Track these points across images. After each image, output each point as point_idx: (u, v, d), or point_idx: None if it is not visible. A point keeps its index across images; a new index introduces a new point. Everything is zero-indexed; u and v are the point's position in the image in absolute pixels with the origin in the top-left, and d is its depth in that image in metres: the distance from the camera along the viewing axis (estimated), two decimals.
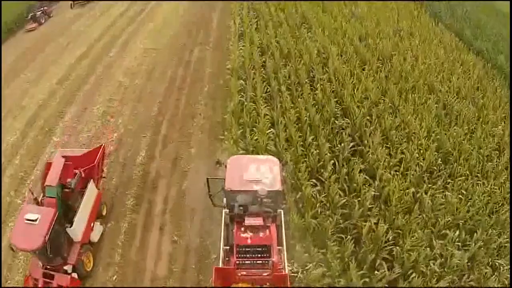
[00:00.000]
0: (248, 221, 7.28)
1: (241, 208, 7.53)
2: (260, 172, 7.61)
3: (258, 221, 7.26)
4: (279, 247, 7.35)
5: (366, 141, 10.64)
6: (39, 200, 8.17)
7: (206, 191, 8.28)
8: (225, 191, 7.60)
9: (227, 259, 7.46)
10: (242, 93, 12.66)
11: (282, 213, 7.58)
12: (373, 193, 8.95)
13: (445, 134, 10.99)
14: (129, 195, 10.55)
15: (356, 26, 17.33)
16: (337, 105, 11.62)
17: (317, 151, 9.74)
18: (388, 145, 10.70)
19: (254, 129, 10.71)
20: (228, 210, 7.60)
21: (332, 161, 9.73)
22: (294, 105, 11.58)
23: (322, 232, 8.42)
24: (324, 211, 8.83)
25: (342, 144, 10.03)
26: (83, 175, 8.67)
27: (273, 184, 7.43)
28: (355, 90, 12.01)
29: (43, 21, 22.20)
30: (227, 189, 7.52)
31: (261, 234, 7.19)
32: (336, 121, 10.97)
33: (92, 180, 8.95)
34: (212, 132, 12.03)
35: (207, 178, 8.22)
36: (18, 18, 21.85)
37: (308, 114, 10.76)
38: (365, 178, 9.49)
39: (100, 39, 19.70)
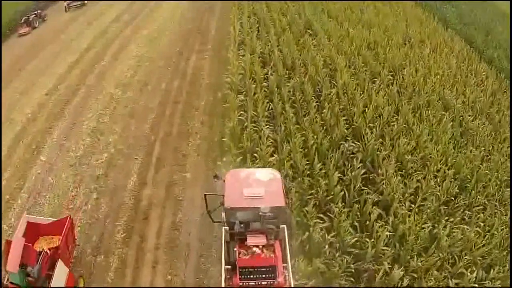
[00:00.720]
0: (251, 240, 6.82)
1: (242, 225, 7.05)
2: (261, 187, 7.18)
3: (262, 240, 6.82)
4: (284, 265, 6.86)
5: (378, 167, 9.72)
6: (5, 283, 7.00)
7: (202, 225, 7.83)
8: (224, 209, 7.20)
9: (228, 277, 6.86)
10: (242, 111, 11.66)
11: (286, 228, 7.10)
12: (387, 233, 8.00)
13: (462, 157, 10.09)
14: (119, 226, 9.60)
15: (364, 33, 16.32)
16: (346, 124, 10.64)
17: (326, 181, 8.76)
18: (403, 172, 9.78)
19: (256, 155, 9.73)
20: (228, 228, 7.14)
21: (342, 192, 8.78)
22: (300, 125, 10.58)
23: (331, 276, 7.52)
24: (332, 252, 7.91)
25: (353, 173, 9.05)
26: (48, 255, 7.32)
27: (275, 200, 7.00)
28: (366, 108, 11.02)
29: (36, 25, 21.56)
30: (227, 207, 7.10)
31: (264, 254, 6.75)
32: (345, 143, 10.00)
33: (60, 259, 7.50)
34: (209, 154, 11.05)
35: (205, 194, 7.79)
36: (11, 22, 21.07)
37: (315, 137, 9.78)
38: (378, 212, 8.56)
39: (93, 46, 18.83)
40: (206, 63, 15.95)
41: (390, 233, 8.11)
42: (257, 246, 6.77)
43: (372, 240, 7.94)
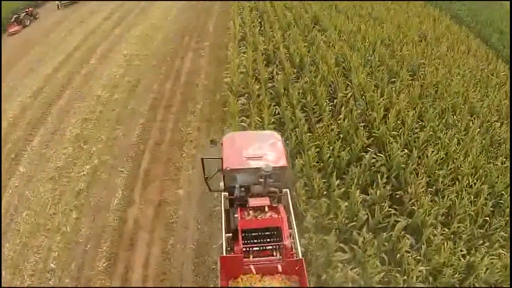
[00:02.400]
0: (252, 202, 6.22)
1: (242, 189, 6.48)
2: (261, 148, 6.72)
3: (265, 201, 6.22)
4: (289, 230, 6.15)
5: (404, 182, 8.26)
6: None
7: (197, 253, 7.04)
8: (223, 171, 6.64)
9: (228, 249, 6.25)
10: (243, 116, 10.15)
11: (289, 192, 6.52)
12: (422, 268, 6.54)
13: (493, 169, 8.70)
14: (101, 252, 8.14)
15: (376, 29, 14.87)
16: (366, 132, 9.15)
17: (347, 203, 7.27)
18: (433, 189, 8.33)
19: None
20: (227, 194, 6.59)
21: (366, 216, 7.30)
22: (313, 134, 9.08)
23: None
24: None
25: (378, 192, 7.57)
26: None
27: (277, 160, 6.49)
28: (388, 114, 9.54)
29: (27, 23, 20.70)
30: (225, 168, 6.51)
31: (268, 216, 6.11)
32: (365, 154, 8.52)
33: None
34: (207, 167, 9.52)
35: (202, 159, 7.01)
36: (3, 21, 20.07)
37: (331, 147, 8.28)
38: (409, 240, 7.10)
39: (82, 45, 17.54)
40: (203, 62, 14.43)
41: (425, 267, 6.70)
42: (259, 209, 6.14)
43: (404, 277, 6.51)
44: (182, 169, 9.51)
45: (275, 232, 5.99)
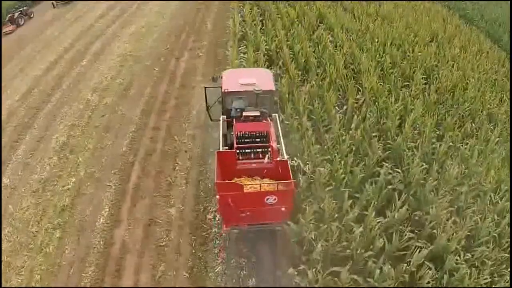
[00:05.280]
0: (246, 113, 7.52)
1: (238, 110, 7.80)
2: (254, 78, 7.95)
3: (256, 112, 7.49)
4: (278, 146, 7.15)
5: (424, 201, 7.36)
6: None
7: (192, 282, 6.54)
8: (222, 94, 7.93)
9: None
10: None
11: (277, 117, 7.83)
12: None
13: None
14: (85, 278, 7.28)
15: (385, 28, 13.91)
16: (380, 142, 8.21)
17: (362, 228, 6.34)
18: (454, 208, 7.42)
19: None
20: (225, 117, 7.88)
21: (382, 241, 6.39)
22: (321, 145, 8.12)
23: None
24: None
25: (396, 214, 6.65)
26: None
27: (267, 85, 7.81)
28: (403, 121, 8.60)
29: (21, 23, 19.93)
30: (224, 90, 7.83)
31: (259, 124, 7.36)
32: (380, 169, 7.58)
33: None
34: (202, 183, 8.60)
35: (205, 87, 8.40)
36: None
37: (342, 162, 7.35)
38: (432, 270, 6.21)
39: (74, 44, 16.71)
40: (200, 63, 13.46)
41: None
42: (252, 119, 7.31)
43: None
44: (174, 184, 8.57)
45: (264, 136, 7.10)
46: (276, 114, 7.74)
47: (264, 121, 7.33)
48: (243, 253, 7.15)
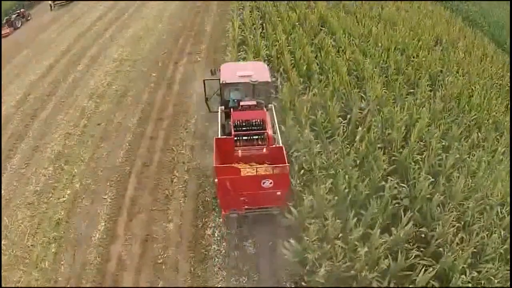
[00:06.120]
0: (243, 103, 7.89)
1: (235, 101, 8.17)
2: (251, 70, 8.40)
3: (252, 102, 7.90)
4: (274, 135, 7.52)
5: (429, 217, 7.09)
6: None
7: None
8: (220, 86, 8.35)
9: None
10: None
11: (273, 107, 8.26)
12: None
13: None
14: None
15: (389, 32, 13.59)
16: (385, 155, 7.87)
17: (366, 248, 6.08)
18: (461, 224, 7.15)
19: None
20: (223, 107, 8.26)
21: (388, 262, 6.12)
22: (326, 159, 7.78)
23: None
24: None
25: (401, 232, 6.38)
26: None
27: (263, 77, 8.24)
28: (409, 133, 8.31)
29: (19, 25, 19.72)
30: (222, 81, 8.22)
31: (255, 112, 7.68)
32: (385, 183, 7.31)
33: None
34: (200, 196, 8.31)
35: (204, 80, 8.87)
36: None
37: (346, 177, 7.05)
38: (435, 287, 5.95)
39: (71, 48, 16.42)
40: (198, 68, 13.13)
41: None
42: (249, 108, 7.72)
43: None
44: (172, 197, 8.28)
45: (260, 124, 7.44)
46: (272, 105, 8.26)
47: (259, 111, 7.69)
48: (243, 271, 6.94)
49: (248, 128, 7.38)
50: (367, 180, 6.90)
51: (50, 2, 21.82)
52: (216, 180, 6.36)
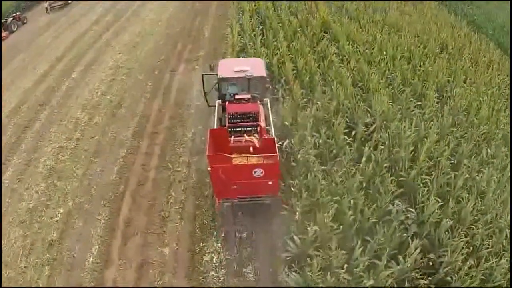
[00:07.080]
0: (238, 96, 8.28)
1: (231, 95, 8.51)
2: (247, 66, 8.71)
3: (247, 95, 8.28)
4: (267, 127, 7.87)
5: (438, 243, 6.74)
6: None
7: None
8: (218, 79, 8.66)
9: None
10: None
11: (269, 101, 8.57)
12: None
13: None
14: None
15: (394, 38, 13.15)
16: (392, 176, 7.46)
17: (372, 280, 5.70)
18: (470, 250, 6.77)
19: None
20: (220, 101, 8.62)
21: None
22: (328, 178, 7.45)
23: None
24: None
25: (409, 262, 6.02)
26: None
27: (258, 72, 8.59)
28: (416, 150, 7.90)
29: (14, 29, 19.41)
30: (220, 76, 8.59)
31: (248, 105, 8.07)
32: (392, 207, 6.93)
33: None
34: (197, 218, 7.91)
35: (202, 75, 9.28)
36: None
37: (351, 201, 6.67)
38: None
39: (66, 54, 16.02)
40: (196, 77, 12.66)
41: None
42: (243, 101, 8.10)
43: None
44: (168, 219, 7.90)
45: (253, 116, 7.78)
46: (267, 99, 8.59)
47: (253, 104, 8.04)
48: None
49: (241, 120, 7.78)
50: (374, 206, 6.50)
51: (46, 5, 21.44)
52: (209, 169, 6.68)
